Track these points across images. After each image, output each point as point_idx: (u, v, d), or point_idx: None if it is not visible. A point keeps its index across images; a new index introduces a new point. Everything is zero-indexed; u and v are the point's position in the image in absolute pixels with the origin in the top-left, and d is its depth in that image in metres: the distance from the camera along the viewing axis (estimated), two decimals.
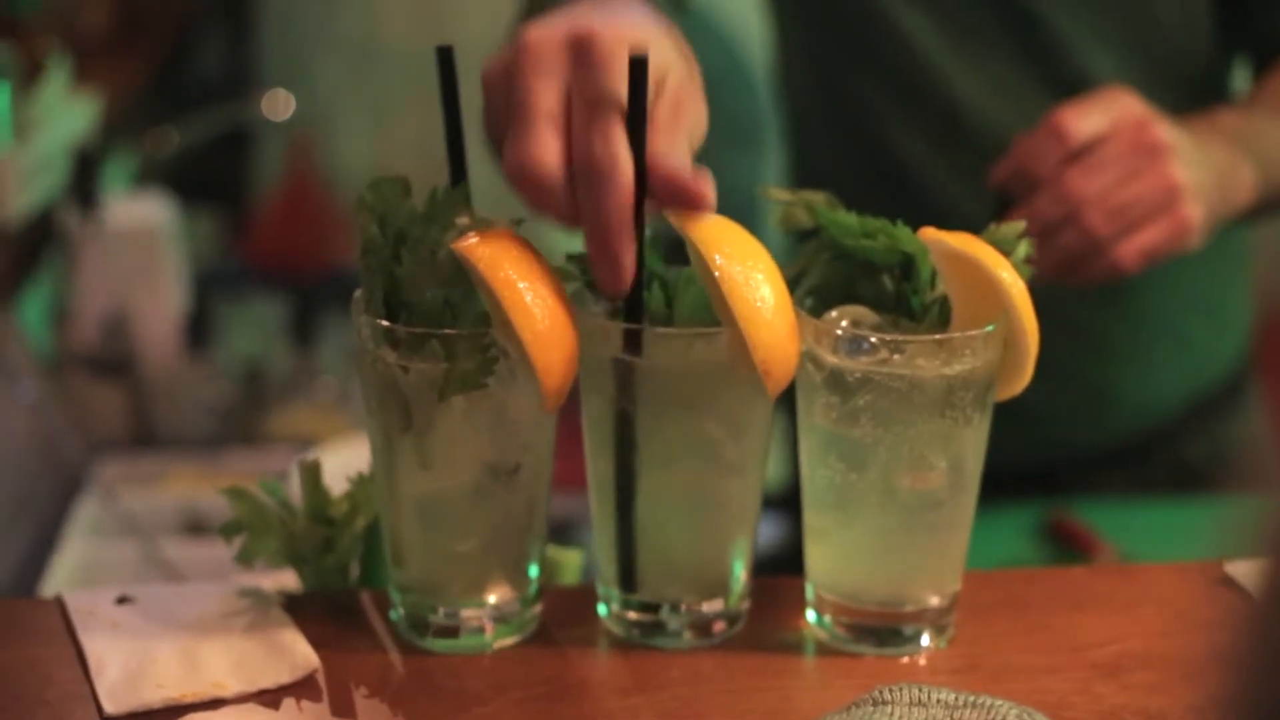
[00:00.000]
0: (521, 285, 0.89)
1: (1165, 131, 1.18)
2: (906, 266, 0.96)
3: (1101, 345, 1.54)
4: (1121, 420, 1.58)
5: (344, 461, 1.13)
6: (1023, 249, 0.96)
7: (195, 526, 1.68)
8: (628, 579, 0.97)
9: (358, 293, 0.93)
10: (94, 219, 2.03)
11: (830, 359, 0.94)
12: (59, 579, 1.54)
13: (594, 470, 0.98)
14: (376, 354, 0.92)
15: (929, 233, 0.94)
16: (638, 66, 0.87)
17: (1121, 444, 1.59)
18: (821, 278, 0.97)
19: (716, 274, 0.90)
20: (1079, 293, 1.31)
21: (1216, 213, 1.21)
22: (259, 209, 3.00)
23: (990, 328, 0.93)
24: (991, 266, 0.93)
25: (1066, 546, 1.59)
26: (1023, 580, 1.08)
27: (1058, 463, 1.60)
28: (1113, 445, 1.59)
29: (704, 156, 0.94)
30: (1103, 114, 1.18)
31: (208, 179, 2.91)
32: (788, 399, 0.96)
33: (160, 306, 2.06)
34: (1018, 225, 0.96)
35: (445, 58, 0.95)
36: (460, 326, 0.91)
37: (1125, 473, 1.60)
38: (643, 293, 0.92)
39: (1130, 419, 1.58)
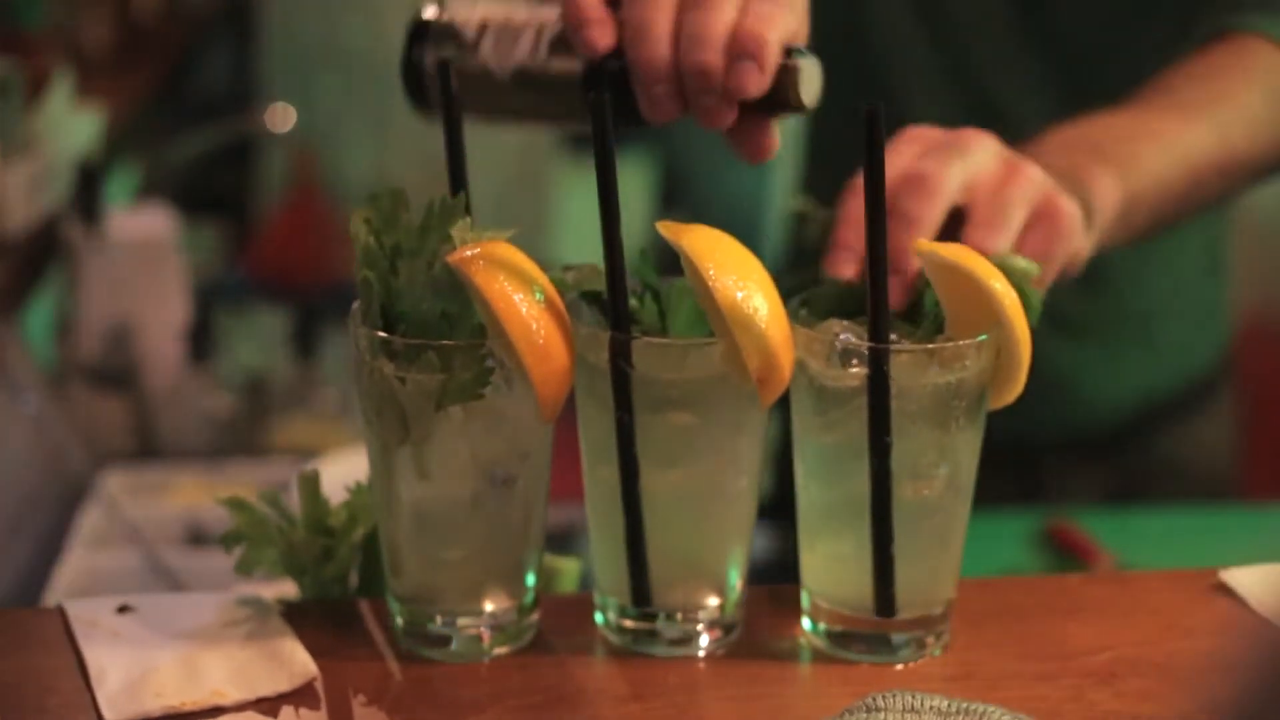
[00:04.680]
0: (517, 297, 0.90)
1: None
2: None
3: (1070, 330, 1.54)
4: (1087, 409, 1.58)
5: (343, 472, 1.13)
6: (1030, 267, 0.97)
7: (197, 537, 1.69)
8: (641, 594, 0.97)
9: (356, 304, 0.94)
10: (97, 231, 2.04)
11: (823, 369, 0.95)
12: (61, 588, 1.54)
13: (591, 479, 0.98)
14: (374, 365, 0.93)
15: (922, 244, 0.95)
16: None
17: (1090, 436, 1.60)
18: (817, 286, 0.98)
19: (710, 285, 0.91)
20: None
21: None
22: (261, 221, 3.01)
23: (983, 337, 0.94)
24: (984, 277, 0.93)
25: (1065, 554, 1.60)
26: (1016, 588, 1.08)
27: (1031, 448, 1.59)
28: (1081, 436, 1.60)
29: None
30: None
31: (210, 191, 2.92)
32: (780, 408, 0.97)
33: (163, 318, 2.07)
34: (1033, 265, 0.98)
35: (444, 71, 0.96)
36: (457, 337, 0.92)
37: (1098, 466, 1.60)
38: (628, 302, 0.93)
39: (1096, 410, 1.58)
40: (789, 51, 0.97)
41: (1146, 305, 1.56)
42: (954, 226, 1.01)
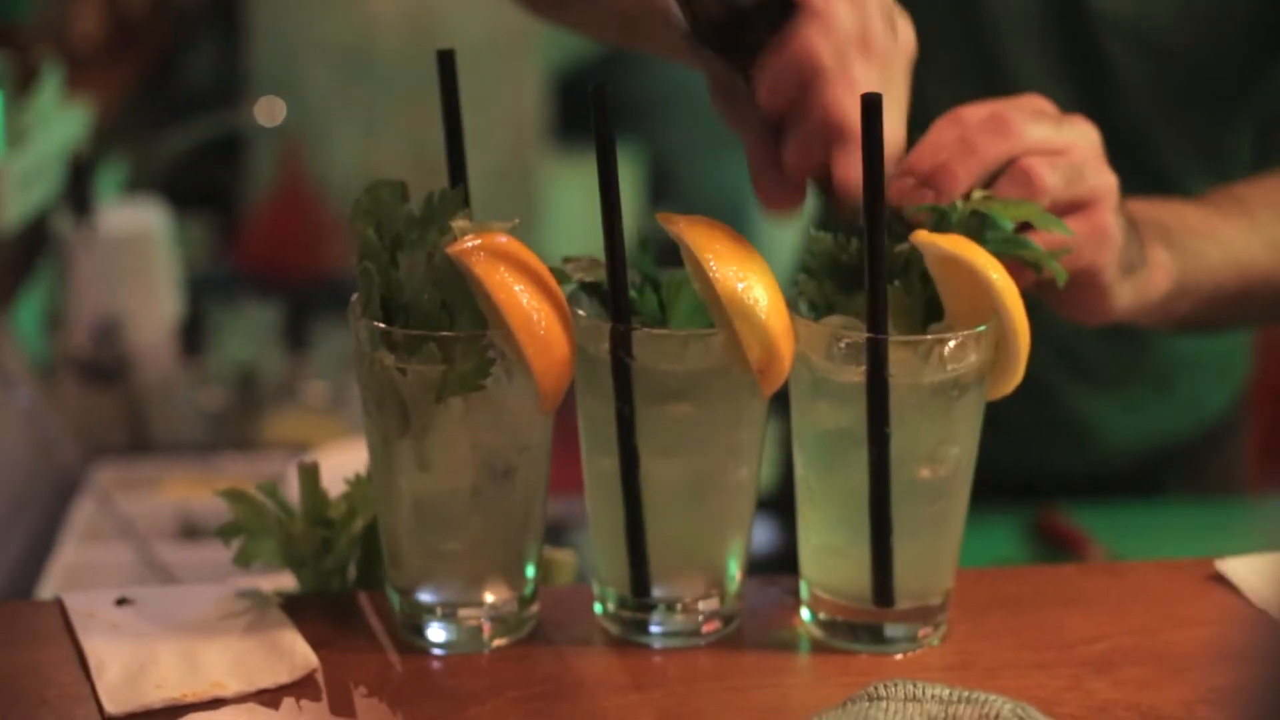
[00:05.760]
0: (517, 288, 0.90)
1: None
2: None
3: (1087, 375, 1.55)
4: (1101, 450, 1.59)
5: (341, 464, 1.13)
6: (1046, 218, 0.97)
7: (190, 531, 1.69)
8: (640, 585, 0.97)
9: (355, 296, 0.94)
10: (87, 225, 2.04)
11: (823, 362, 0.95)
12: (54, 583, 1.54)
13: (591, 470, 0.99)
14: (374, 356, 0.93)
15: (921, 235, 0.95)
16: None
17: (1102, 469, 1.61)
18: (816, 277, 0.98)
19: (710, 276, 0.91)
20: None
21: (1123, 269, 1.08)
22: (251, 215, 3.01)
23: (982, 328, 0.94)
24: (983, 268, 0.94)
25: (1056, 547, 1.60)
26: (1014, 578, 1.09)
27: (1039, 477, 1.61)
28: (1093, 470, 1.61)
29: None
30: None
31: (200, 185, 2.92)
32: (780, 398, 0.97)
33: (153, 312, 2.07)
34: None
35: (446, 61, 0.96)
36: (457, 329, 0.92)
37: (1107, 491, 1.61)
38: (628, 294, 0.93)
39: (1110, 450, 1.59)
40: None
41: (1168, 360, 1.56)
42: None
